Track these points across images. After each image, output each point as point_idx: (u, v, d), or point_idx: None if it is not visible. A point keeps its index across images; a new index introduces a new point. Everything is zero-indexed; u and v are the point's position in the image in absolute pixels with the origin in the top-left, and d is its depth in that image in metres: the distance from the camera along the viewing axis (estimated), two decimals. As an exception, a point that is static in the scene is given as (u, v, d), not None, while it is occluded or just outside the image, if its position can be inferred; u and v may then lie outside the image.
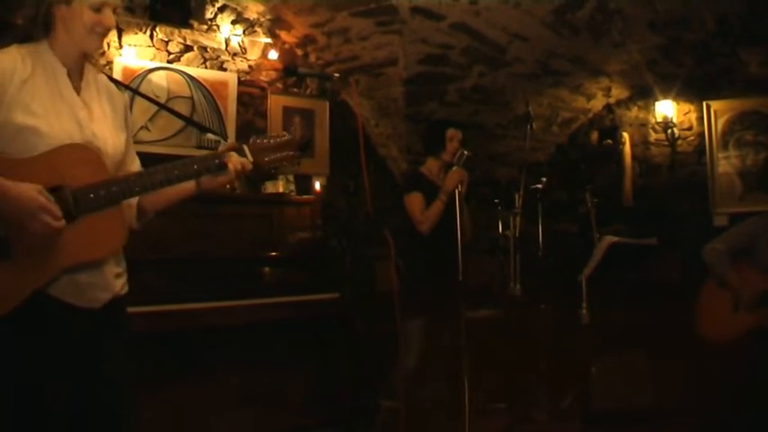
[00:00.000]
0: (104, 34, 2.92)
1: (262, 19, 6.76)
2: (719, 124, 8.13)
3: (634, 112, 8.78)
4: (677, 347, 6.47)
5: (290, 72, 6.22)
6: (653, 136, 8.62)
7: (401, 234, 5.63)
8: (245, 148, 3.09)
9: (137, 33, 6.11)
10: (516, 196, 6.46)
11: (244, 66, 6.83)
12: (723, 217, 7.88)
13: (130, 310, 3.08)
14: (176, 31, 6.39)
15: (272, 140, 3.16)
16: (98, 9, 2.84)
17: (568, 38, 6.84)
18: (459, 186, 5.45)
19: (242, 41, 6.77)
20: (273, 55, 6.91)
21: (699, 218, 8.05)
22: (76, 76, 2.92)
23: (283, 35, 6.96)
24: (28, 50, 2.79)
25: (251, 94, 6.89)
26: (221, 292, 4.98)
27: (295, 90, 7.26)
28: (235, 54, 6.76)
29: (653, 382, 5.92)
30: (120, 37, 5.95)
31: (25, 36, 2.84)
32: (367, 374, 5.84)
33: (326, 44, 6.93)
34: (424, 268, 5.74)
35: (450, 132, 5.86)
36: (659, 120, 8.45)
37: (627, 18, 6.47)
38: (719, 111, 8.12)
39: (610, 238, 6.10)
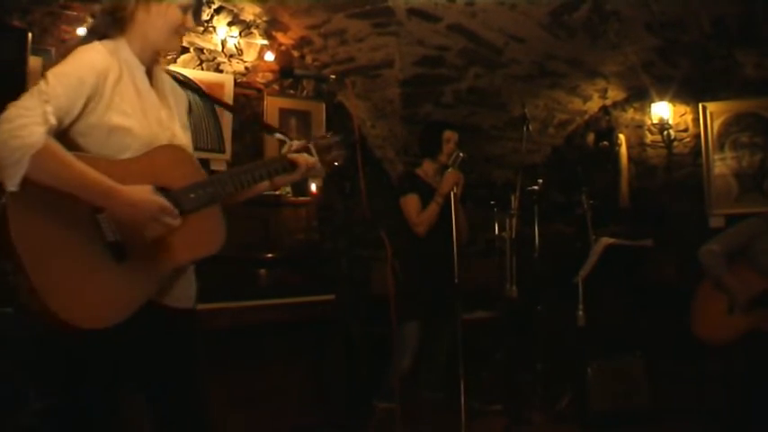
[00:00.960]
0: (184, 35, 2.99)
1: (258, 21, 6.76)
2: (715, 126, 8.13)
3: (630, 113, 8.78)
4: (673, 349, 6.49)
5: (287, 74, 6.22)
6: (649, 137, 8.63)
7: (397, 236, 5.63)
8: (312, 147, 3.26)
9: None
10: (512, 198, 6.48)
11: (240, 67, 6.82)
12: (719, 218, 7.88)
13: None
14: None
15: (332, 140, 3.36)
16: (185, 10, 2.88)
17: (565, 39, 6.84)
18: (455, 188, 5.46)
19: (238, 43, 6.77)
20: (270, 56, 6.90)
21: (695, 219, 8.06)
22: (150, 75, 2.93)
23: (280, 37, 6.96)
24: (110, 48, 2.78)
25: (247, 96, 6.89)
26: (217, 294, 4.96)
27: (291, 92, 7.25)
28: (231, 56, 6.75)
29: (649, 383, 5.92)
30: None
31: (101, 33, 2.83)
32: (362, 376, 5.85)
33: (323, 46, 6.93)
34: (421, 270, 5.74)
35: (447, 134, 5.87)
36: (655, 121, 8.46)
37: (623, 20, 6.47)
38: (715, 112, 8.13)
39: (606, 240, 6.11)
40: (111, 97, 2.68)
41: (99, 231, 2.57)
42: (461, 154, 5.58)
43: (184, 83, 3.33)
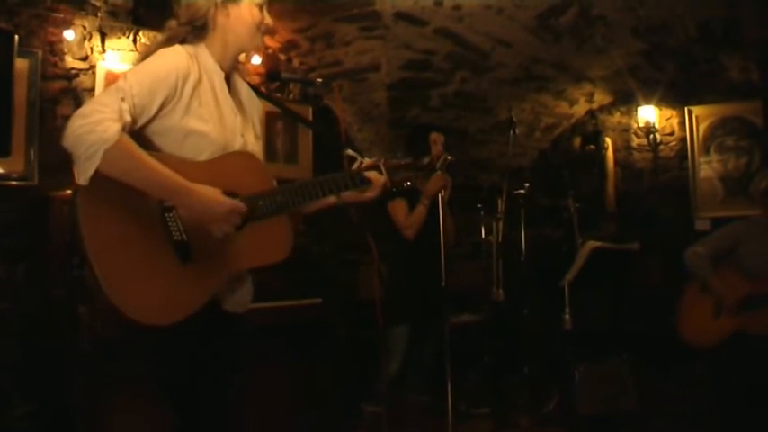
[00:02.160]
0: (266, 33, 3.00)
1: (245, 24, 6.75)
2: (701, 129, 8.18)
3: (616, 117, 8.82)
4: (660, 351, 6.50)
5: (273, 77, 6.21)
6: (635, 141, 8.67)
7: (384, 240, 5.62)
8: (381, 166, 3.21)
9: (120, 38, 6.08)
10: (499, 201, 6.48)
11: (226, 70, 6.81)
12: (705, 221, 7.92)
13: (110, 317, 3.09)
14: (160, 35, 6.37)
15: (402, 161, 3.33)
16: (261, 7, 2.93)
17: (551, 43, 6.86)
18: (443, 191, 5.45)
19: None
20: (257, 60, 6.88)
21: (681, 222, 8.10)
22: (228, 81, 2.96)
23: (267, 40, 6.95)
24: (191, 53, 2.82)
25: (234, 99, 6.88)
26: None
27: (278, 95, 7.24)
28: (218, 59, 6.74)
29: (636, 385, 5.93)
30: (103, 41, 5.91)
31: (181, 39, 2.88)
32: (350, 379, 5.84)
33: (310, 49, 6.92)
34: (408, 274, 5.75)
35: (433, 136, 5.88)
36: (641, 125, 8.51)
37: (609, 24, 6.50)
38: (701, 116, 8.18)
39: (592, 243, 6.11)
40: (190, 101, 2.73)
41: (166, 230, 2.61)
42: (449, 157, 5.58)
43: (261, 92, 3.36)
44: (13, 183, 5.22)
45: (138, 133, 2.62)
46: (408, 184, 3.37)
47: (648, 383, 6.25)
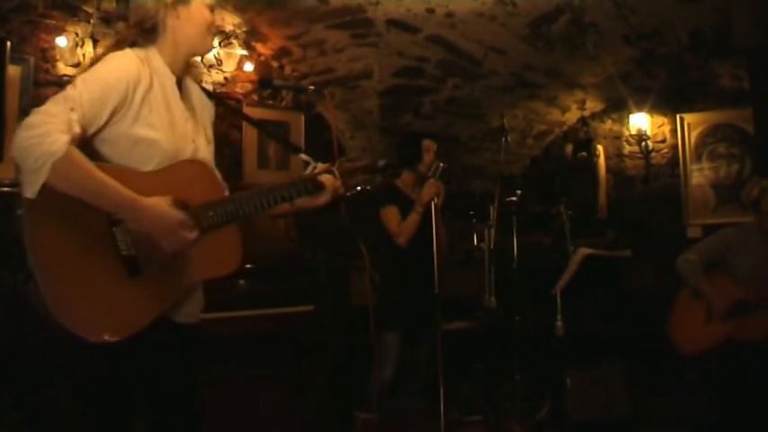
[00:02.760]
0: (215, 35, 2.91)
1: (237, 31, 6.75)
2: (693, 137, 8.20)
3: (608, 124, 8.84)
4: (652, 358, 6.51)
5: (266, 84, 6.21)
6: (627, 148, 8.69)
7: (376, 247, 5.62)
8: (335, 170, 3.20)
9: (112, 45, 6.08)
10: (491, 209, 6.47)
11: (219, 78, 6.81)
12: (697, 228, 7.94)
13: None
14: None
15: (357, 165, 3.39)
16: (212, 9, 2.90)
17: (543, 51, 6.87)
18: (436, 198, 5.45)
19: (217, 53, 6.75)
20: (249, 67, 6.89)
21: (673, 229, 8.12)
22: (179, 85, 2.91)
23: (259, 47, 6.96)
24: (141, 57, 2.77)
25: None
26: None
27: (270, 102, 7.24)
28: (210, 66, 6.74)
29: (628, 392, 5.93)
30: (95, 48, 5.91)
31: (131, 42, 2.82)
32: (342, 387, 5.84)
33: (302, 56, 6.93)
34: (400, 281, 5.74)
35: (426, 144, 5.87)
36: (633, 132, 8.53)
37: (601, 31, 6.51)
38: (693, 123, 8.20)
39: (584, 250, 6.12)
40: (140, 108, 2.67)
41: (114, 244, 2.55)
42: (441, 164, 5.57)
43: (212, 94, 3.30)
44: (6, 189, 5.20)
45: (86, 141, 2.57)
46: (365, 188, 3.43)
47: (640, 390, 6.26)
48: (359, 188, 3.39)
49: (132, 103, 2.64)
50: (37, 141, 2.36)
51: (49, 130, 2.38)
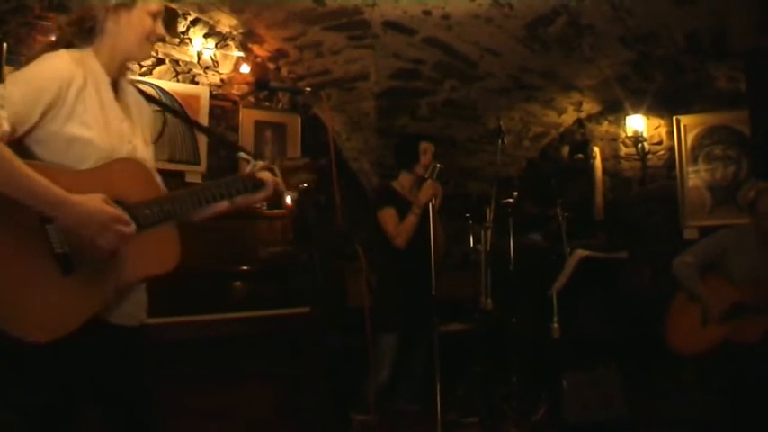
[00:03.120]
0: (155, 43, 2.94)
1: (234, 33, 6.75)
2: (689, 139, 8.20)
3: (605, 126, 8.84)
4: (648, 360, 6.51)
5: (262, 86, 6.23)
6: (623, 150, 8.69)
7: (372, 248, 5.63)
8: (276, 168, 3.24)
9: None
10: (487, 210, 6.47)
11: (216, 79, 6.81)
12: (693, 230, 7.94)
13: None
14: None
15: (298, 162, 3.34)
16: (154, 16, 2.87)
17: (540, 53, 6.87)
18: (434, 200, 5.45)
19: (214, 55, 6.75)
20: (245, 69, 6.90)
21: (669, 231, 8.12)
22: (115, 87, 2.90)
23: (255, 49, 6.95)
24: (76, 57, 2.74)
25: (223, 108, 6.87)
26: (191, 307, 4.96)
27: (267, 104, 7.25)
28: (207, 67, 6.74)
29: (624, 394, 5.93)
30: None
31: (67, 42, 2.79)
32: (339, 388, 5.83)
33: (298, 58, 6.93)
34: (397, 282, 5.74)
35: (423, 146, 5.87)
36: (630, 134, 8.53)
37: (598, 33, 6.51)
38: (689, 125, 8.20)
39: (581, 252, 6.12)
40: (74, 107, 2.65)
41: (47, 242, 2.51)
42: (438, 165, 5.57)
43: (152, 98, 3.30)
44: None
45: (19, 142, 2.56)
46: (305, 185, 3.42)
47: (637, 391, 6.26)
48: (302, 186, 3.43)
49: (66, 102, 2.63)
50: None
51: None
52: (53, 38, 2.87)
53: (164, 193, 2.89)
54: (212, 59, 6.75)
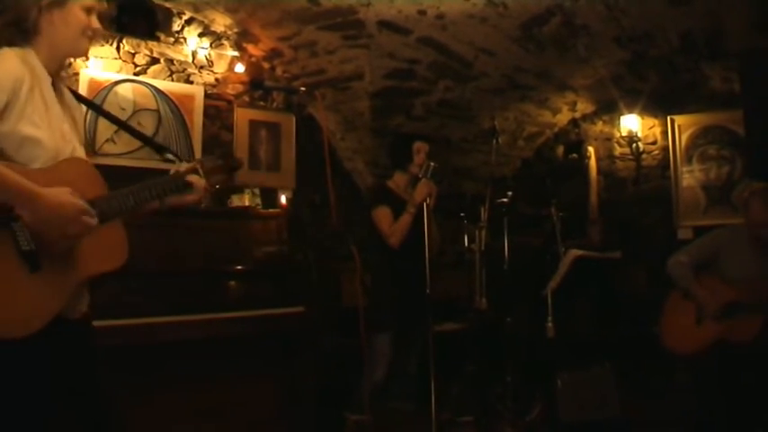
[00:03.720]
0: (92, 38, 2.99)
1: (229, 32, 6.75)
2: (683, 139, 8.21)
3: (599, 126, 8.85)
4: (643, 359, 6.52)
5: (257, 85, 6.22)
6: (618, 150, 8.70)
7: (367, 248, 5.62)
8: (199, 168, 3.32)
9: (103, 45, 6.07)
10: (482, 210, 6.47)
11: (210, 79, 6.80)
12: (687, 230, 7.95)
13: (94, 324, 3.15)
14: (143, 43, 6.36)
15: (217, 163, 3.45)
16: (89, 11, 2.93)
17: (534, 53, 6.87)
18: (428, 199, 5.44)
19: (209, 54, 6.75)
20: (240, 68, 6.89)
21: (663, 231, 8.13)
22: (54, 86, 2.93)
23: (250, 48, 6.95)
24: (21, 56, 2.78)
25: (217, 108, 6.87)
26: (186, 306, 4.95)
27: (261, 103, 7.24)
28: (201, 67, 6.73)
29: (619, 393, 5.94)
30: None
31: (8, 42, 2.81)
32: (333, 388, 5.83)
33: (293, 58, 6.92)
34: (392, 282, 5.73)
35: (417, 145, 5.86)
36: (624, 134, 8.54)
37: (592, 33, 6.52)
38: (683, 125, 8.21)
39: (575, 252, 6.13)
40: (24, 107, 2.69)
41: (14, 240, 2.52)
42: (432, 164, 5.56)
43: (80, 97, 3.36)
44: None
45: None
46: (218, 186, 3.52)
47: (631, 391, 6.27)
48: (217, 186, 3.55)
49: (18, 102, 2.67)
50: None
51: None
52: None
53: (110, 192, 2.94)
54: (207, 59, 6.75)
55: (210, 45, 6.76)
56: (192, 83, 6.68)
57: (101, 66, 6.02)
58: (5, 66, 2.68)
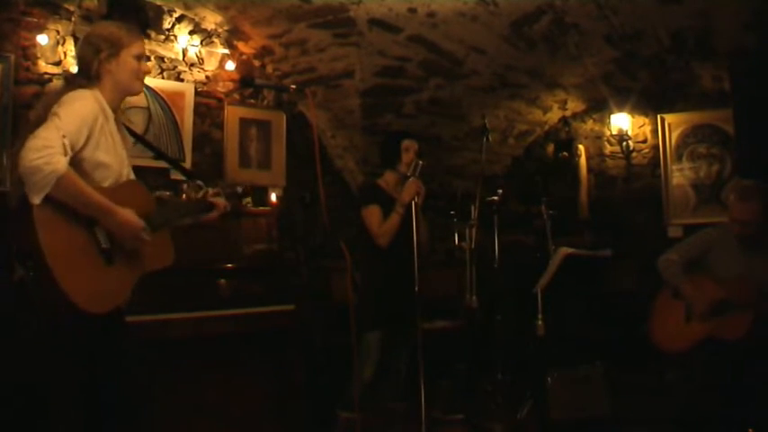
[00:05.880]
0: (143, 79, 3.71)
1: (219, 30, 6.75)
2: (673, 137, 8.23)
3: (590, 124, 8.86)
4: (632, 357, 6.53)
5: (247, 83, 6.22)
6: (608, 148, 8.71)
7: (357, 246, 5.62)
8: (221, 192, 4.17)
9: (93, 43, 6.06)
10: (472, 208, 6.47)
11: (201, 76, 6.80)
12: (677, 228, 7.97)
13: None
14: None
15: (234, 189, 4.38)
16: (138, 58, 3.65)
17: (525, 51, 6.88)
18: (416, 198, 5.43)
19: (199, 52, 6.75)
20: (231, 66, 6.89)
21: (653, 229, 8.14)
22: (116, 121, 3.65)
23: (241, 46, 6.95)
24: (95, 96, 3.46)
25: (208, 105, 6.86)
26: (176, 305, 4.96)
27: (252, 101, 7.24)
28: (192, 65, 6.73)
29: (609, 391, 5.95)
30: (76, 46, 5.89)
31: (80, 84, 3.49)
32: (324, 385, 5.83)
33: (284, 55, 6.92)
34: (381, 280, 5.73)
35: (406, 143, 5.84)
36: (614, 132, 8.55)
37: (583, 32, 6.52)
38: (673, 124, 8.23)
39: (565, 250, 6.13)
40: (99, 137, 3.40)
41: (95, 239, 3.30)
42: (420, 162, 5.56)
43: (130, 131, 4.07)
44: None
45: None
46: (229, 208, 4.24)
47: (621, 389, 6.28)
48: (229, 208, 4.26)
49: (94, 134, 3.38)
50: (46, 161, 3.04)
51: (52, 152, 3.07)
52: (68, 82, 3.64)
53: (159, 207, 3.78)
54: (197, 56, 6.74)
55: (201, 43, 6.75)
56: (182, 80, 6.67)
57: (90, 63, 6.00)
58: (88, 105, 3.37)
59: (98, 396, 3.48)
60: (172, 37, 6.59)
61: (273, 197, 6.79)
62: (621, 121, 8.45)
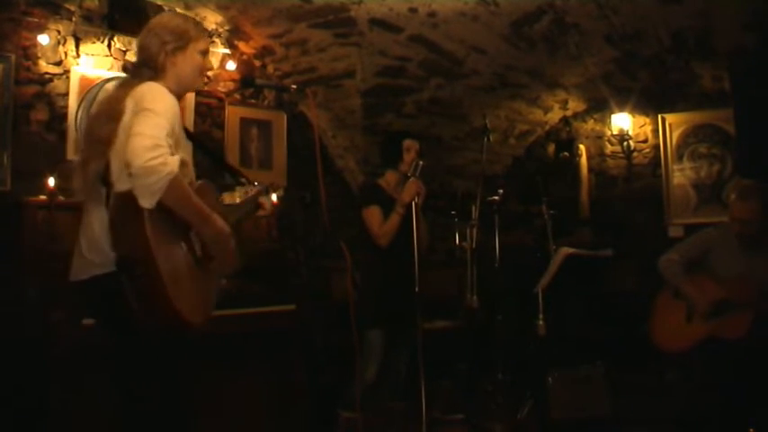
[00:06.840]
0: (206, 75, 3.61)
1: (220, 29, 6.74)
2: (674, 137, 8.23)
3: (590, 124, 8.86)
4: (633, 357, 6.53)
5: (248, 83, 6.21)
6: (609, 148, 8.71)
7: (357, 245, 5.62)
8: (266, 191, 4.19)
9: (94, 43, 6.05)
10: (473, 208, 6.47)
11: (201, 76, 6.79)
12: (678, 228, 7.97)
13: (84, 322, 3.95)
14: (134, 40, 6.30)
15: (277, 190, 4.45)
16: (204, 54, 3.55)
17: (525, 51, 6.88)
18: (417, 198, 5.43)
19: (200, 52, 6.74)
20: (231, 66, 6.88)
21: (654, 229, 8.14)
22: None
23: (241, 46, 6.95)
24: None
25: (208, 105, 6.85)
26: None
27: (252, 101, 7.23)
28: (192, 64, 6.72)
29: (609, 391, 5.96)
30: (77, 46, 5.89)
31: (145, 76, 3.32)
32: (325, 385, 5.83)
33: (284, 55, 6.92)
34: (381, 280, 5.73)
35: (407, 143, 5.83)
36: (615, 132, 8.55)
37: (583, 32, 6.52)
38: (674, 124, 8.23)
39: (566, 250, 6.13)
40: (179, 133, 3.25)
41: (192, 247, 3.21)
42: (421, 162, 5.56)
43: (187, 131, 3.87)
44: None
45: None
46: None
47: (621, 389, 6.28)
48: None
49: (176, 129, 3.18)
50: (162, 162, 2.87)
51: (166, 152, 2.91)
52: (128, 73, 3.52)
53: (224, 207, 3.71)
54: (198, 56, 6.74)
55: (201, 42, 6.74)
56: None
57: (92, 63, 5.99)
58: (169, 98, 3.16)
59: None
60: (173, 37, 6.57)
61: (274, 197, 6.77)
62: (622, 121, 8.45)
